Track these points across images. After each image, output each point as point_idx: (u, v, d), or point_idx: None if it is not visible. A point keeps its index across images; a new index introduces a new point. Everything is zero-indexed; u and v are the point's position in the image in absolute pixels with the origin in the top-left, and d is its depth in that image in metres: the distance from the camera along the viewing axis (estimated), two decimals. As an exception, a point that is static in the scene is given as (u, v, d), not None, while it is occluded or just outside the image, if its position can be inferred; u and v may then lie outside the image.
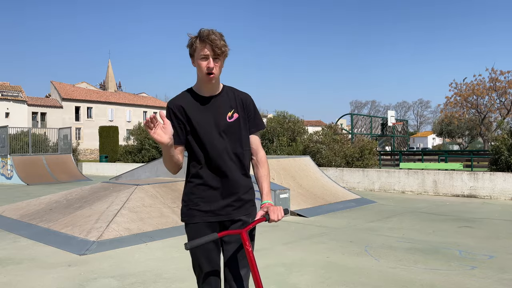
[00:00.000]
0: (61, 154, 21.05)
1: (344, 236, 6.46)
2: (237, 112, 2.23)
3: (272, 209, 2.09)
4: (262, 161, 2.28)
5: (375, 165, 18.20)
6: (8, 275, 4.59)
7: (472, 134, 46.74)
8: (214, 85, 2.19)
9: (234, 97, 2.25)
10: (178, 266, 4.87)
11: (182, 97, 2.22)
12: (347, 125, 42.25)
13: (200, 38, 2.06)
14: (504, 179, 11.17)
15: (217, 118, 2.18)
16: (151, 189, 7.91)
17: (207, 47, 2.04)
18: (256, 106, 2.36)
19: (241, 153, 2.22)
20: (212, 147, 2.17)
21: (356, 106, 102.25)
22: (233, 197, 2.20)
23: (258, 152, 2.29)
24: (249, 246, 2.03)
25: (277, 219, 2.08)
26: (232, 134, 2.20)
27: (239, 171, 2.22)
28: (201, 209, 2.18)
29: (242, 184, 2.23)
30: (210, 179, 2.18)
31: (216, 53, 2.06)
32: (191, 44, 2.10)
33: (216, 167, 2.17)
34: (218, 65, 2.10)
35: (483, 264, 4.87)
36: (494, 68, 40.59)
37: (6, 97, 47.42)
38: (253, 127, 2.28)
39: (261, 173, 2.26)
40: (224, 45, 2.08)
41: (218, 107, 2.20)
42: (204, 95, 2.21)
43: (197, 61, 2.10)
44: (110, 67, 67.21)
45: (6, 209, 8.52)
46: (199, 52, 2.07)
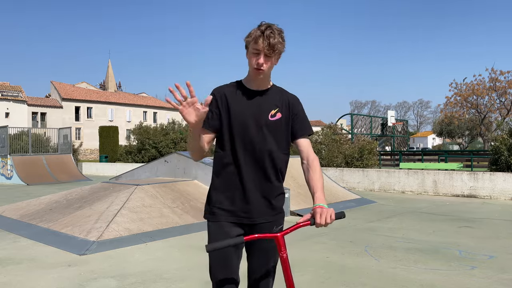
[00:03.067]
0: (61, 154, 21.05)
1: (344, 236, 6.46)
2: (281, 112, 2.12)
3: (320, 211, 1.87)
4: (313, 165, 2.08)
5: (375, 165, 18.20)
6: (8, 275, 4.58)
7: (472, 134, 46.75)
8: (262, 81, 2.10)
9: (281, 97, 2.15)
10: (178, 266, 4.87)
11: (228, 87, 2.14)
12: (347, 125, 42.25)
13: (257, 30, 1.98)
14: (504, 179, 11.17)
15: (258, 114, 2.08)
16: (151, 189, 7.91)
17: (261, 42, 1.95)
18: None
19: (276, 155, 2.10)
20: (245, 142, 2.06)
21: (356, 106, 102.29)
22: (260, 200, 2.08)
23: (309, 156, 2.12)
24: (284, 252, 1.88)
25: (324, 223, 1.84)
26: (271, 133, 2.08)
27: (270, 173, 2.09)
28: (225, 208, 2.07)
29: (272, 187, 2.10)
30: (238, 176, 2.07)
31: (269, 50, 1.97)
32: (248, 36, 2.02)
33: (246, 165, 2.06)
34: (269, 61, 2.01)
35: (483, 264, 4.87)
36: (494, 68, 40.65)
37: (6, 97, 47.42)
38: (300, 130, 2.15)
39: (312, 176, 2.06)
40: (280, 42, 1.97)
41: (262, 103, 2.11)
42: (251, 89, 2.12)
43: (249, 54, 2.03)
44: (110, 67, 67.27)
45: (6, 209, 8.51)
46: (252, 46, 1.99)
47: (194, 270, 4.71)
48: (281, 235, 1.89)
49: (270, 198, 2.10)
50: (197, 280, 4.35)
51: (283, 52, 2.05)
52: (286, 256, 1.88)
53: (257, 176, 2.07)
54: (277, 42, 1.96)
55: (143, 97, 63.83)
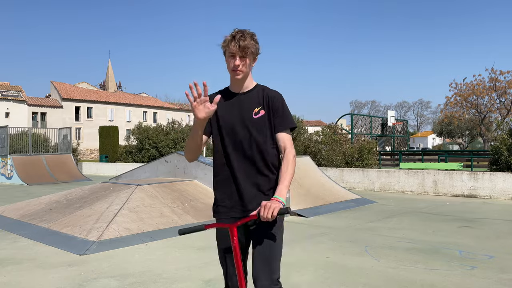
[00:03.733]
0: (61, 154, 21.05)
1: (344, 236, 6.46)
2: (263, 109, 2.25)
3: (265, 204, 2.01)
4: (286, 158, 2.21)
5: (375, 165, 18.20)
6: (8, 275, 4.59)
7: (472, 134, 46.76)
8: (242, 82, 2.26)
9: (262, 95, 2.28)
10: (178, 266, 4.87)
11: (216, 93, 2.32)
12: (347, 125, 42.27)
13: (230, 36, 2.16)
14: (504, 179, 11.17)
15: (243, 114, 2.23)
16: (151, 189, 7.91)
17: (234, 46, 2.13)
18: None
19: (264, 149, 2.22)
20: (235, 142, 2.22)
21: (356, 106, 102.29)
22: (256, 192, 2.21)
23: (285, 149, 2.24)
24: (235, 240, 2.07)
25: (266, 217, 1.99)
26: (257, 131, 2.22)
27: (262, 168, 2.22)
28: (225, 205, 2.24)
29: (266, 180, 2.23)
30: (232, 174, 2.23)
31: (242, 51, 2.13)
32: (223, 42, 2.20)
33: (239, 163, 2.21)
34: (244, 63, 2.17)
35: (483, 264, 4.87)
36: (494, 68, 40.62)
37: (6, 97, 47.42)
38: (280, 124, 2.26)
39: (282, 168, 2.19)
40: (251, 43, 2.15)
41: (245, 103, 2.25)
42: (234, 92, 2.29)
43: (227, 59, 2.20)
44: (110, 67, 67.24)
45: (6, 209, 8.52)
46: (228, 50, 2.17)
47: (194, 270, 4.71)
48: (233, 225, 2.10)
49: (264, 190, 2.23)
50: (197, 280, 4.35)
51: (258, 54, 2.24)
52: (236, 246, 2.08)
53: (251, 172, 2.22)
54: (247, 43, 2.13)
55: (143, 97, 63.83)
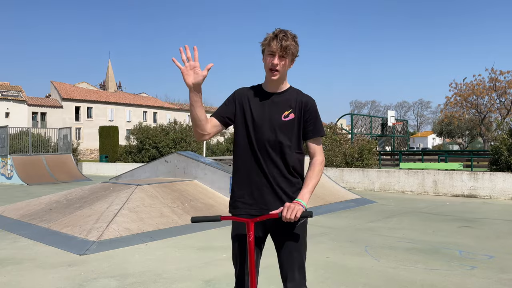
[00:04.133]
0: (61, 154, 21.05)
1: (344, 236, 6.46)
2: (294, 113, 2.23)
3: (289, 206, 2.05)
4: (314, 164, 2.23)
5: (375, 165, 18.21)
6: (8, 275, 4.59)
7: (472, 134, 46.76)
8: (277, 82, 2.23)
9: (295, 98, 2.25)
10: (178, 266, 4.87)
11: (249, 88, 2.32)
12: (347, 125, 42.29)
13: (271, 36, 2.15)
14: (504, 179, 11.17)
15: (272, 115, 2.21)
16: (151, 189, 7.91)
17: (275, 45, 2.11)
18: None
19: (287, 153, 2.21)
20: (259, 141, 2.21)
21: (356, 106, 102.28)
22: (275, 193, 2.20)
23: (314, 156, 2.25)
24: (251, 236, 2.07)
25: (288, 218, 2.03)
26: (283, 134, 2.20)
27: (283, 169, 2.21)
28: (245, 201, 2.23)
29: (287, 182, 2.22)
30: (254, 171, 2.21)
31: (282, 51, 2.12)
32: (263, 40, 2.19)
33: (261, 162, 2.20)
34: (283, 63, 2.16)
35: (483, 264, 4.87)
36: (494, 68, 40.60)
37: (6, 97, 47.41)
38: (311, 132, 2.25)
39: (308, 173, 2.22)
40: (293, 44, 2.14)
41: (276, 104, 2.23)
42: (267, 91, 2.27)
43: (265, 57, 2.19)
44: (110, 67, 67.23)
45: (6, 209, 8.52)
46: (267, 49, 2.16)
47: (194, 270, 4.71)
48: (251, 221, 2.09)
49: (287, 192, 2.22)
50: (197, 280, 4.35)
51: (296, 56, 2.21)
52: (252, 241, 2.08)
53: (273, 173, 2.21)
54: (289, 44, 2.12)
55: (143, 97, 63.83)
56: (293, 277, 2.20)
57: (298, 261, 2.22)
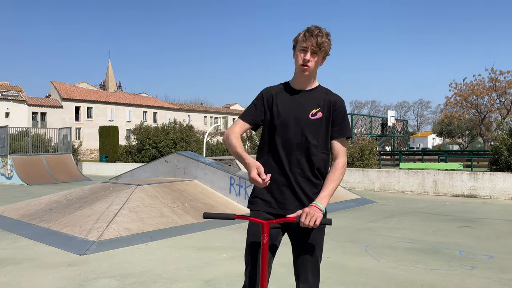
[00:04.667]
0: (61, 154, 21.05)
1: (344, 236, 6.46)
2: (322, 111, 2.18)
3: (307, 211, 1.99)
4: (335, 167, 2.17)
5: (375, 165, 18.20)
6: (8, 275, 4.58)
7: (472, 134, 46.76)
8: (307, 79, 2.19)
9: (325, 97, 2.21)
10: (178, 266, 4.87)
11: (276, 87, 2.27)
12: (347, 125, 42.13)
13: (306, 31, 2.13)
14: (504, 179, 11.17)
15: (300, 112, 2.17)
16: (151, 189, 7.91)
17: (308, 40, 2.09)
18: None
19: (314, 153, 2.16)
20: (284, 139, 2.16)
21: (356, 106, 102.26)
22: (296, 194, 2.15)
23: (337, 158, 2.20)
24: (265, 238, 2.02)
25: (307, 224, 1.97)
26: (310, 132, 2.15)
27: (307, 171, 2.16)
28: (264, 198, 2.19)
29: (308, 184, 2.17)
30: (276, 170, 2.17)
31: (315, 47, 2.09)
32: (296, 37, 2.18)
33: (284, 161, 2.16)
34: (314, 59, 2.13)
35: (483, 264, 4.87)
36: (494, 68, 40.60)
37: (6, 97, 47.42)
38: (337, 132, 2.20)
39: (328, 176, 2.16)
40: (326, 42, 2.12)
41: (304, 102, 2.19)
42: (296, 88, 2.23)
43: (297, 53, 2.15)
44: (110, 67, 67.22)
45: (6, 209, 8.51)
46: (300, 44, 2.13)
47: (194, 270, 4.71)
48: (266, 222, 2.03)
49: (307, 193, 2.17)
50: (197, 280, 4.35)
51: (328, 55, 2.18)
52: (265, 243, 2.03)
53: (295, 172, 2.16)
54: (324, 41, 2.11)
55: (143, 97, 63.82)
56: (306, 278, 2.17)
57: (313, 263, 2.18)
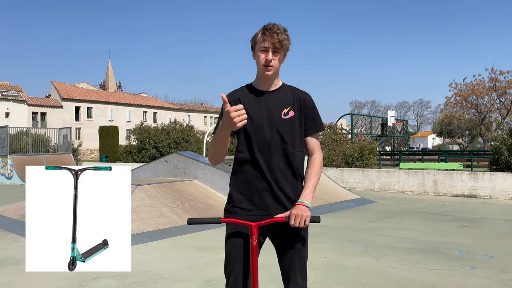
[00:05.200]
0: (61, 154, 21.04)
1: (344, 236, 6.46)
2: (293, 110, 2.15)
3: (295, 212, 1.97)
4: (313, 162, 2.16)
5: (375, 165, 18.20)
6: (8, 275, 4.59)
7: (472, 134, 46.77)
8: (271, 79, 2.14)
9: (292, 95, 2.18)
10: (178, 266, 4.87)
11: (240, 90, 2.20)
12: (347, 125, 42.24)
13: (263, 30, 2.06)
14: (504, 179, 11.17)
15: (271, 113, 2.11)
16: (151, 189, 7.91)
17: (268, 40, 2.03)
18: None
19: (292, 152, 2.12)
20: (260, 142, 2.10)
21: (356, 106, 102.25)
22: (276, 197, 2.11)
23: (313, 154, 2.18)
24: (255, 240, 1.99)
25: (298, 226, 1.96)
26: (285, 132, 2.11)
27: (286, 172, 2.12)
28: (243, 206, 2.11)
29: (289, 185, 2.13)
30: (254, 176, 2.11)
31: (276, 46, 2.04)
32: (253, 37, 2.11)
33: (262, 164, 2.09)
34: (277, 58, 2.07)
35: (483, 264, 4.87)
36: (494, 68, 40.53)
37: (6, 97, 47.41)
38: (311, 128, 2.18)
39: (308, 172, 2.14)
40: (286, 38, 2.06)
41: (273, 102, 2.14)
42: (261, 89, 2.17)
43: (257, 53, 2.09)
44: (110, 67, 67.20)
45: (6, 209, 8.51)
46: (259, 44, 2.07)
47: (194, 270, 4.71)
48: (255, 224, 2.00)
49: (288, 195, 2.13)
50: (197, 280, 4.35)
51: (288, 51, 2.12)
52: (255, 245, 2.00)
53: (275, 175, 2.10)
54: (284, 38, 2.04)
55: (143, 97, 63.81)
56: (295, 280, 2.15)
57: (300, 264, 2.16)
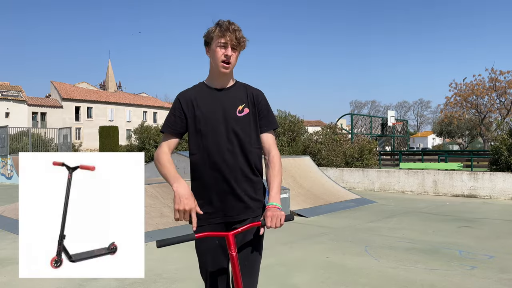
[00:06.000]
0: (61, 154, 21.03)
1: (344, 236, 6.46)
2: (248, 107, 2.13)
3: (271, 214, 1.95)
4: (272, 161, 2.14)
5: (375, 165, 18.20)
6: (8, 275, 4.59)
7: (472, 134, 46.75)
8: (226, 77, 2.13)
9: (246, 92, 2.16)
10: (178, 266, 4.87)
11: (193, 89, 2.17)
12: (347, 125, 42.22)
13: (219, 26, 2.04)
14: (504, 179, 11.17)
15: (226, 111, 2.09)
16: (151, 189, 7.91)
17: (227, 36, 2.02)
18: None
19: (249, 150, 2.10)
20: (215, 142, 2.06)
21: (356, 106, 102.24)
22: (238, 197, 2.08)
23: (270, 152, 2.16)
24: (234, 251, 1.94)
25: (275, 227, 1.94)
26: (241, 130, 2.09)
27: (246, 170, 2.09)
28: (206, 210, 2.06)
29: (249, 184, 2.11)
30: (213, 177, 2.06)
31: (234, 43, 2.04)
32: (209, 32, 2.08)
33: (221, 164, 2.06)
34: (235, 55, 2.07)
35: (483, 264, 4.87)
36: (494, 68, 40.56)
37: (6, 97, 47.43)
38: (265, 125, 2.17)
39: (270, 173, 2.13)
40: (243, 36, 2.07)
41: (227, 100, 2.11)
42: (215, 88, 2.14)
43: (214, 49, 2.06)
44: (110, 67, 67.22)
45: (6, 209, 8.51)
46: (217, 40, 2.05)
47: (194, 270, 4.69)
48: (231, 234, 1.94)
49: (249, 194, 2.11)
50: (197, 280, 4.34)
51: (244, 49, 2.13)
52: (235, 255, 1.94)
53: (234, 174, 2.07)
54: (242, 35, 2.07)
55: (143, 97, 63.83)
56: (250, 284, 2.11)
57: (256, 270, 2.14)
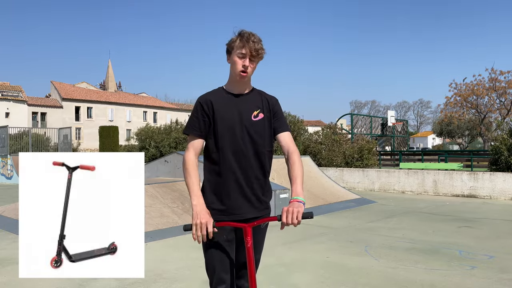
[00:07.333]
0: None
1: (344, 236, 6.46)
2: (262, 112, 2.27)
3: (288, 209, 1.99)
4: (292, 158, 2.23)
5: (375, 165, 18.20)
6: (8, 275, 4.59)
7: (472, 134, 46.77)
8: (244, 84, 2.27)
9: (261, 98, 2.31)
10: (178, 266, 4.87)
11: (212, 93, 2.30)
12: (347, 125, 42.24)
13: (241, 37, 2.17)
14: (504, 179, 11.18)
15: (242, 115, 2.23)
16: (151, 189, 7.91)
17: (246, 47, 2.15)
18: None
19: (262, 152, 2.24)
20: (231, 144, 2.20)
21: (356, 106, 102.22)
22: (246, 197, 2.21)
23: (289, 148, 2.27)
24: (250, 242, 2.06)
25: (292, 223, 1.98)
26: (255, 133, 2.23)
27: (257, 171, 2.24)
28: (216, 207, 2.20)
29: (259, 184, 2.25)
30: (227, 175, 2.20)
31: (253, 54, 2.16)
32: (231, 42, 2.21)
33: (234, 164, 2.19)
34: (252, 65, 2.21)
35: (483, 264, 4.87)
36: (494, 68, 40.54)
37: (6, 97, 47.42)
38: (280, 127, 2.32)
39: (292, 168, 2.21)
40: (262, 48, 2.19)
41: (244, 105, 2.26)
42: (233, 93, 2.28)
43: (234, 58, 2.19)
44: (110, 67, 67.21)
45: (6, 209, 8.51)
46: (237, 50, 2.18)
47: (194, 270, 4.71)
48: (248, 225, 2.07)
49: (258, 194, 2.24)
50: (197, 280, 4.35)
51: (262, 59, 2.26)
52: (250, 246, 2.05)
53: (245, 175, 2.21)
54: (260, 47, 2.19)
55: (143, 97, 63.83)
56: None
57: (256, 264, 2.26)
